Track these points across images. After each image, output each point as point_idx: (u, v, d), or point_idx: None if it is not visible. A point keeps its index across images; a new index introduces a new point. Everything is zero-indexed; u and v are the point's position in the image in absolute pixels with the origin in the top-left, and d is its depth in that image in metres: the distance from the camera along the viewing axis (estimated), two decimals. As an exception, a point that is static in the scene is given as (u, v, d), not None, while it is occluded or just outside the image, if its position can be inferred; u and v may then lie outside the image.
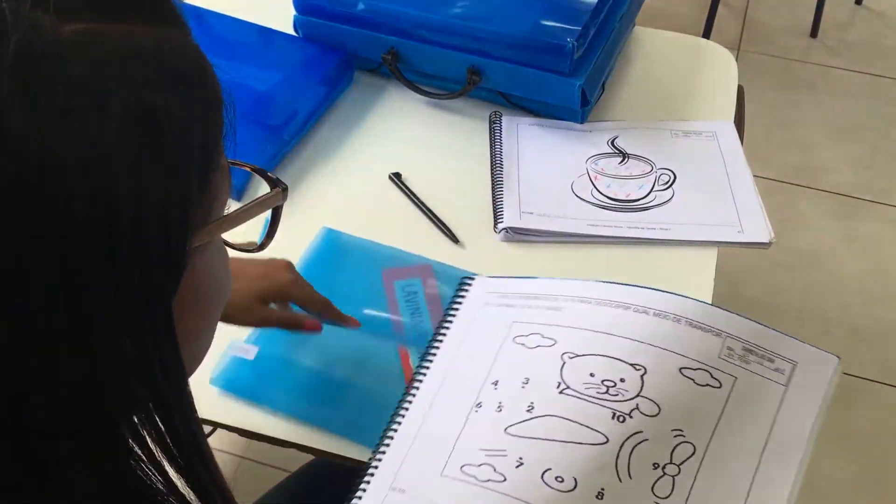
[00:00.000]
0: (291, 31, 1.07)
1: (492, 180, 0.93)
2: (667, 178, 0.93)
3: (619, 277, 0.70)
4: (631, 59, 1.10)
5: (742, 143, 0.98)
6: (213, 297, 0.42)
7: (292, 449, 0.72)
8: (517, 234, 0.87)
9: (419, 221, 0.89)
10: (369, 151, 0.97)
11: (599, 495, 0.56)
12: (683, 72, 1.08)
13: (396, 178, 0.93)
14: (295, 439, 0.71)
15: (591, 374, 0.62)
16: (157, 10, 0.35)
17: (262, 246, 0.49)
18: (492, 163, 0.95)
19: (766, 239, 0.87)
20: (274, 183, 0.46)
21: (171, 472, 0.38)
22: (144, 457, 0.37)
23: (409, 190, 0.92)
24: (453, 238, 0.87)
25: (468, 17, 0.97)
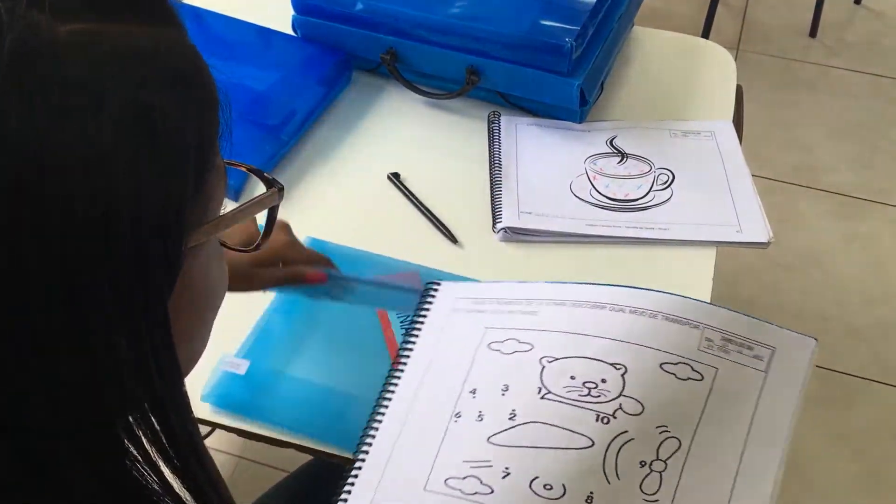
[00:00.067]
0: (290, 31, 1.07)
1: (490, 180, 0.93)
2: (665, 178, 0.93)
3: (618, 277, 0.70)
4: (630, 58, 1.10)
5: (741, 142, 0.98)
6: (208, 297, 0.42)
7: (290, 449, 0.72)
8: (516, 234, 0.87)
9: (418, 221, 0.89)
10: (368, 151, 0.97)
11: (589, 499, 0.56)
12: (682, 71, 1.08)
13: (395, 178, 0.93)
14: (293, 440, 0.71)
15: (571, 377, 0.61)
16: (154, 10, 0.35)
17: (257, 246, 0.49)
18: (490, 163, 0.95)
19: (764, 239, 0.87)
20: (270, 183, 0.46)
21: (167, 473, 0.38)
22: (140, 457, 0.37)
23: (407, 190, 0.92)
24: (452, 238, 0.87)
25: (467, 17, 0.97)
